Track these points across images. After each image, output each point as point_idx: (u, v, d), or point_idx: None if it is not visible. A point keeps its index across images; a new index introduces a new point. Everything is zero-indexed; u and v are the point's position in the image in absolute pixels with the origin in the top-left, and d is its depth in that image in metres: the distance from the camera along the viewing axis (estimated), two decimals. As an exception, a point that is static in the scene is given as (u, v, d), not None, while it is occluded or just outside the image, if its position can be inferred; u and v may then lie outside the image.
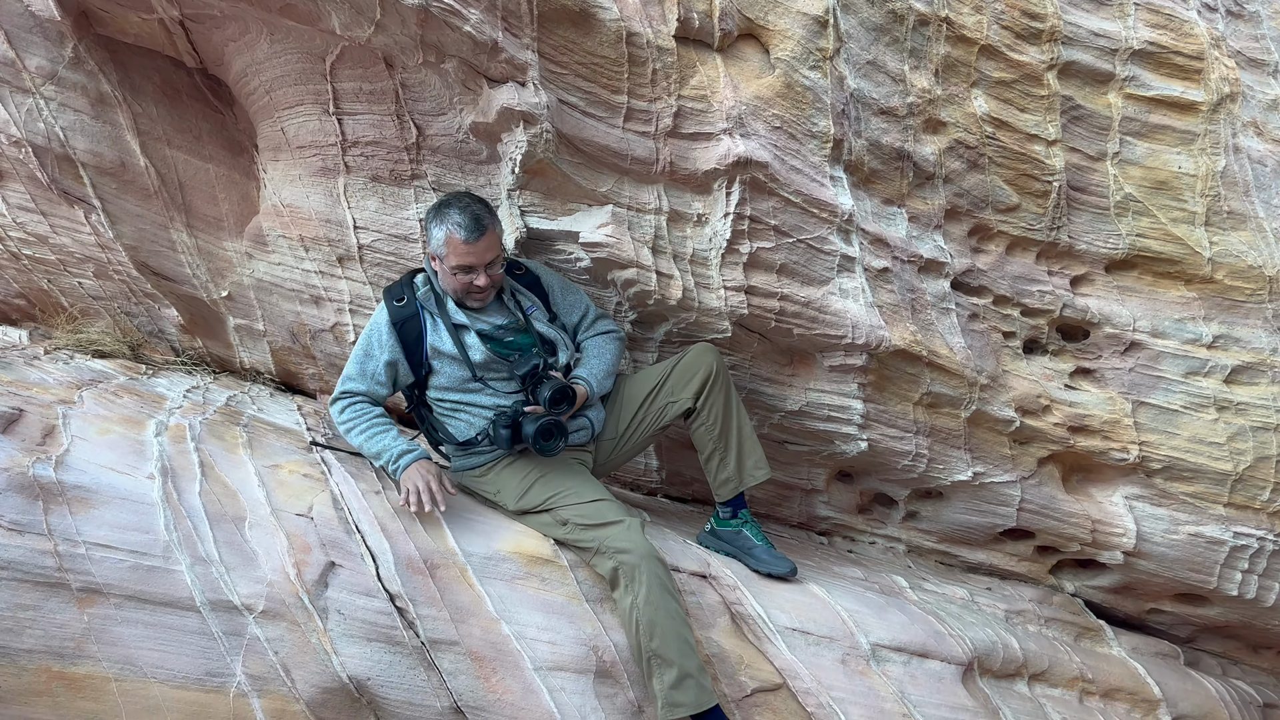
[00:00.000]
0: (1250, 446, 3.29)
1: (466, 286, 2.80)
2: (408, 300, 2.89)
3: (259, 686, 2.46)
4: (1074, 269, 3.29)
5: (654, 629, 2.60)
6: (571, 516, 2.79)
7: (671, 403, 3.05)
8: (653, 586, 2.63)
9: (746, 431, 3.07)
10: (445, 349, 2.87)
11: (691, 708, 2.59)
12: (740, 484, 3.08)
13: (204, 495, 2.64)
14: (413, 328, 2.88)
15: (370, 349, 2.88)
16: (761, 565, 3.08)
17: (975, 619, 3.42)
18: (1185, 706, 3.59)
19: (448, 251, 2.75)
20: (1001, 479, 3.44)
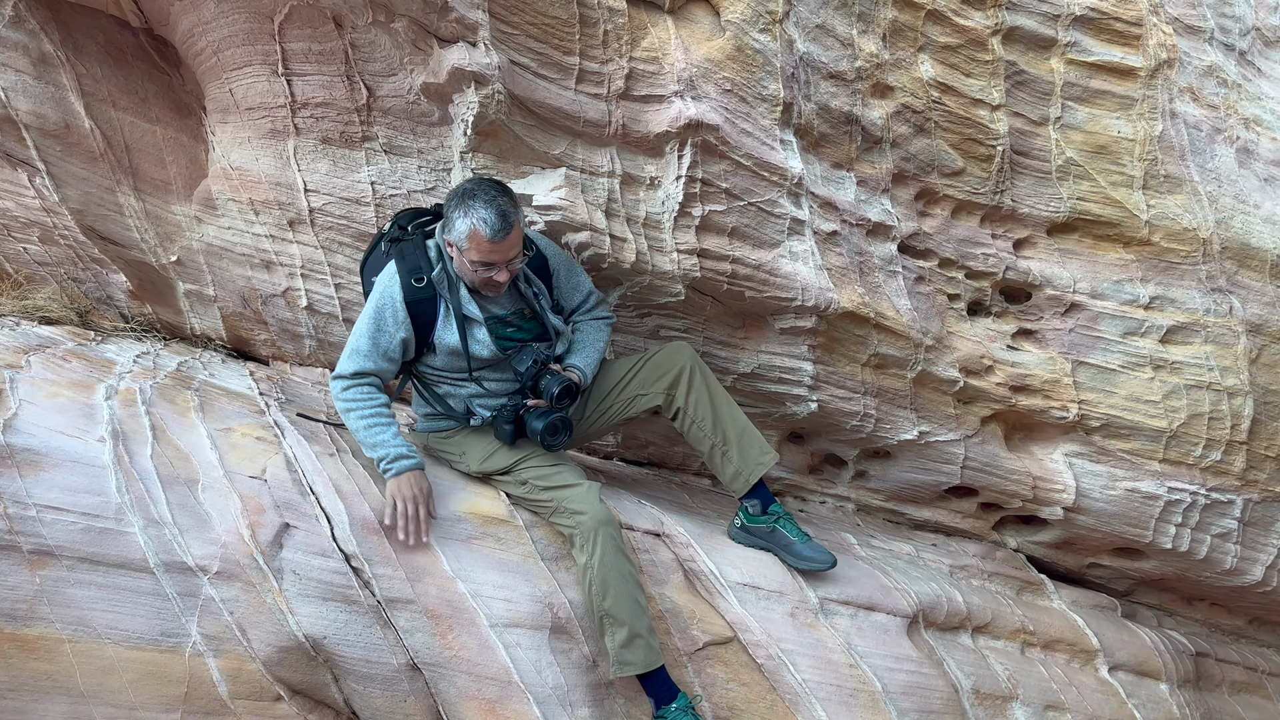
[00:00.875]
0: (1184, 404, 3.41)
1: (485, 281, 2.71)
2: (427, 283, 2.75)
3: (215, 646, 2.48)
4: (1017, 232, 3.36)
5: (606, 589, 2.65)
6: (531, 477, 2.82)
7: (641, 395, 3.02)
8: (607, 548, 2.66)
9: (742, 421, 3.01)
10: (451, 343, 2.79)
11: (640, 666, 2.65)
12: (750, 475, 3.00)
13: (156, 458, 2.63)
14: (426, 312, 2.77)
15: (383, 323, 2.75)
16: (802, 562, 3.04)
17: (921, 574, 3.51)
18: (1122, 656, 3.74)
19: (470, 246, 2.62)
20: (946, 438, 3.53)
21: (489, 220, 2.58)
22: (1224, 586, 3.89)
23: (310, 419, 3.07)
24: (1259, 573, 3.76)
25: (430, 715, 2.63)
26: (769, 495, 3.11)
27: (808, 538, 3.08)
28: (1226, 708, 4.07)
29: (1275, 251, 3.28)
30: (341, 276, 3.44)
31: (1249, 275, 3.32)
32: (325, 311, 3.55)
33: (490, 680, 2.63)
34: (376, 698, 2.59)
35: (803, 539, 3.06)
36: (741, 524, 3.15)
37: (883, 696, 2.94)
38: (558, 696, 2.68)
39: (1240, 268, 3.31)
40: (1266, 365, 3.38)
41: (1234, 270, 3.31)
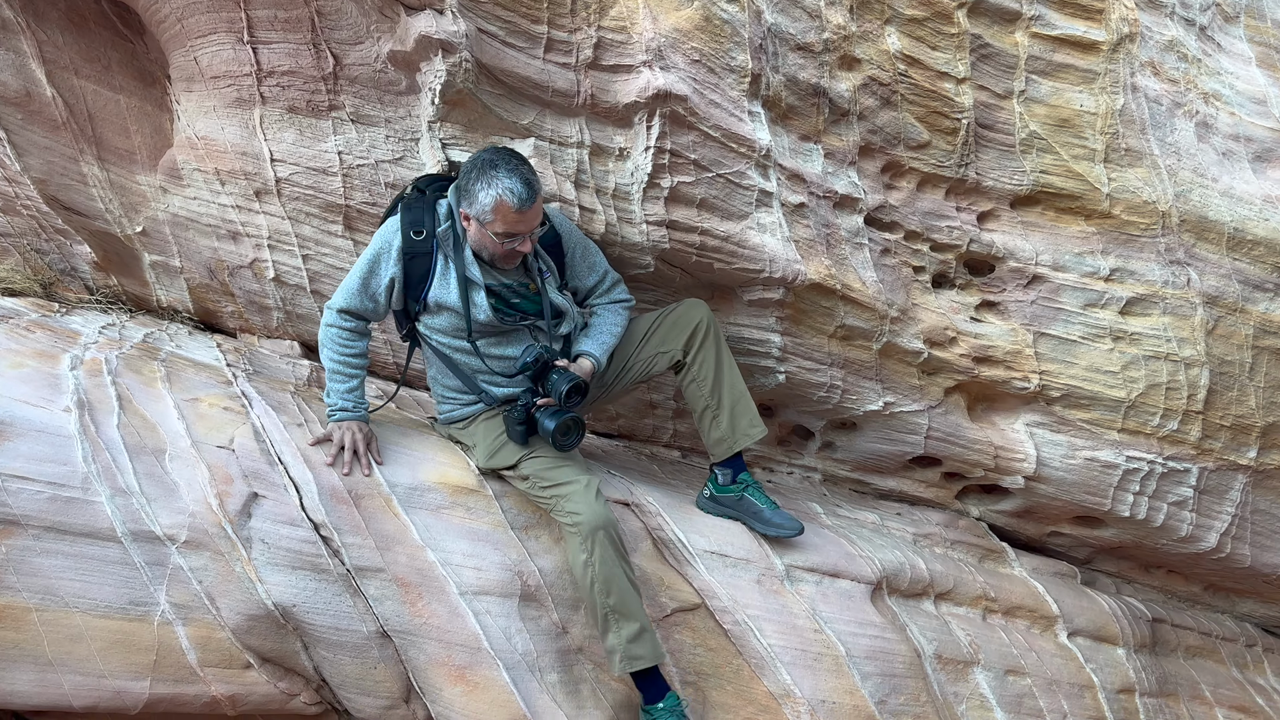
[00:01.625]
0: (1143, 375, 3.47)
1: (508, 253, 2.70)
2: (426, 236, 2.75)
3: (184, 615, 2.49)
4: (981, 205, 3.40)
5: (611, 586, 2.65)
6: (533, 473, 2.81)
7: (661, 353, 3.03)
8: (606, 549, 2.66)
9: (740, 389, 3.03)
10: (449, 302, 2.79)
11: (649, 660, 2.67)
12: (734, 443, 3.04)
13: (122, 428, 2.63)
14: (420, 266, 2.77)
15: (376, 266, 2.78)
16: (771, 529, 3.07)
17: (885, 542, 3.57)
18: (1081, 622, 3.82)
19: (495, 218, 2.59)
20: (910, 408, 3.58)
21: (515, 190, 2.55)
22: (1180, 553, 3.98)
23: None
24: (1213, 540, 3.85)
25: (400, 682, 2.66)
26: (741, 464, 3.14)
27: (775, 505, 3.11)
28: (1181, 671, 4.18)
29: (1232, 224, 3.34)
30: (309, 248, 3.43)
31: (1206, 248, 3.38)
32: (293, 283, 3.53)
33: (460, 647, 2.66)
34: (346, 665, 2.61)
35: (771, 506, 3.10)
36: (710, 494, 3.18)
37: (846, 660, 2.99)
38: (527, 663, 2.71)
39: (1198, 240, 3.37)
40: (1222, 336, 3.45)
41: (1192, 243, 3.37)
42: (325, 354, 2.84)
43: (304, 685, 2.64)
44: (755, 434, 3.05)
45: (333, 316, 2.83)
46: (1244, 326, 3.45)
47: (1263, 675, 4.50)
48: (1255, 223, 3.35)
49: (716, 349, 3.01)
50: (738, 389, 3.04)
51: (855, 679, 2.98)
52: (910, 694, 3.07)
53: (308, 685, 2.65)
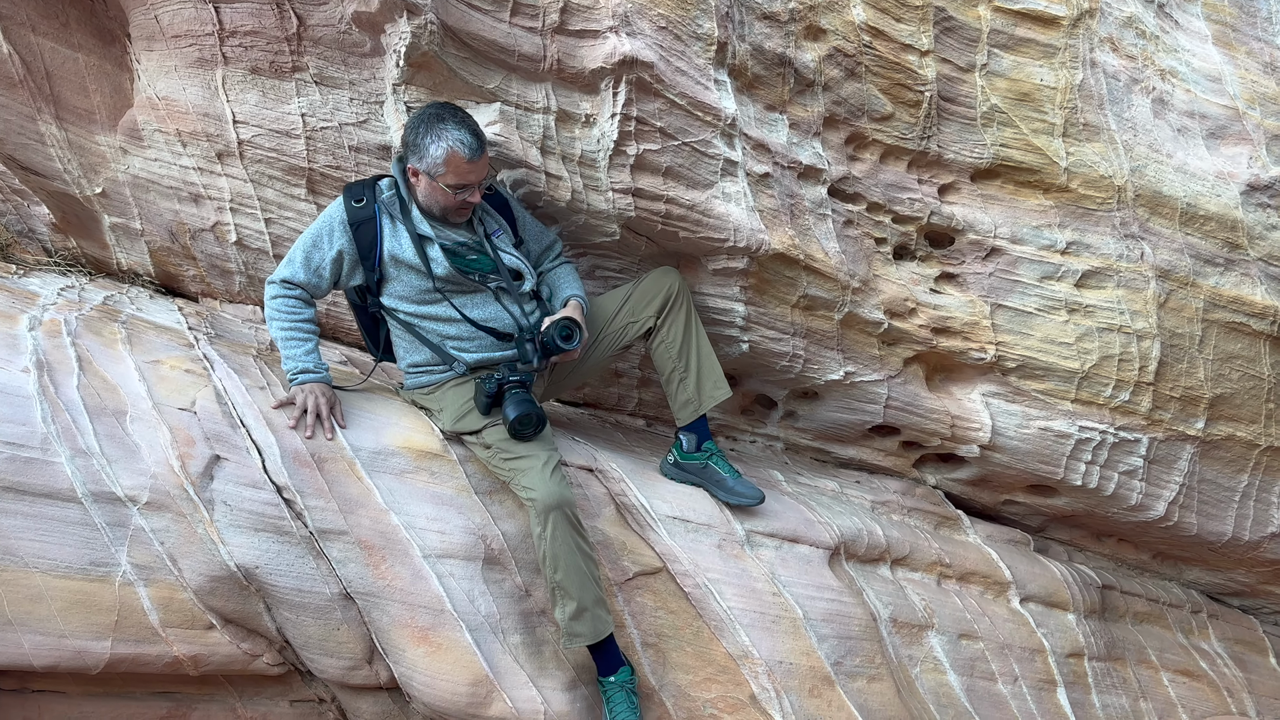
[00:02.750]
0: (1096, 346, 3.55)
1: (459, 205, 2.76)
2: (366, 202, 2.80)
3: (145, 576, 2.49)
4: (942, 178, 3.44)
5: (558, 563, 2.68)
6: (495, 442, 2.83)
7: (632, 323, 3.09)
8: (559, 527, 2.68)
9: (706, 351, 3.11)
10: (405, 258, 2.82)
11: (588, 638, 2.71)
12: (700, 405, 3.11)
13: (82, 389, 2.61)
14: (368, 231, 2.81)
15: (319, 241, 2.82)
16: (733, 497, 3.13)
17: (843, 508, 3.64)
18: (1033, 588, 3.91)
19: (447, 170, 2.67)
20: (870, 378, 3.63)
21: (466, 140, 2.64)
22: (1130, 522, 4.08)
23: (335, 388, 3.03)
24: (1162, 508, 3.95)
25: (363, 643, 2.68)
26: (706, 431, 3.19)
27: (738, 474, 3.18)
28: (1129, 637, 4.30)
29: (1185, 200, 3.41)
30: (272, 211, 3.40)
31: (1160, 222, 3.45)
32: (255, 247, 3.51)
33: (423, 609, 2.68)
34: (309, 626, 2.63)
35: (733, 475, 3.16)
36: (675, 460, 3.22)
37: (804, 623, 3.05)
38: (490, 624, 2.74)
39: (1152, 215, 3.44)
40: (1174, 310, 3.53)
41: (1146, 217, 3.44)
42: (275, 326, 2.84)
43: (267, 646, 2.66)
44: (719, 395, 3.11)
45: (275, 289, 2.83)
46: (1194, 300, 3.53)
47: (1207, 641, 4.64)
48: (1207, 198, 3.42)
49: (686, 314, 3.08)
50: (704, 352, 3.11)
51: (812, 640, 3.04)
52: (865, 656, 3.14)
53: (270, 646, 2.66)
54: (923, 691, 3.36)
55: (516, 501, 2.93)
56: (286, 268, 2.82)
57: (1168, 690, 4.25)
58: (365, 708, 2.73)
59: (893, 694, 3.14)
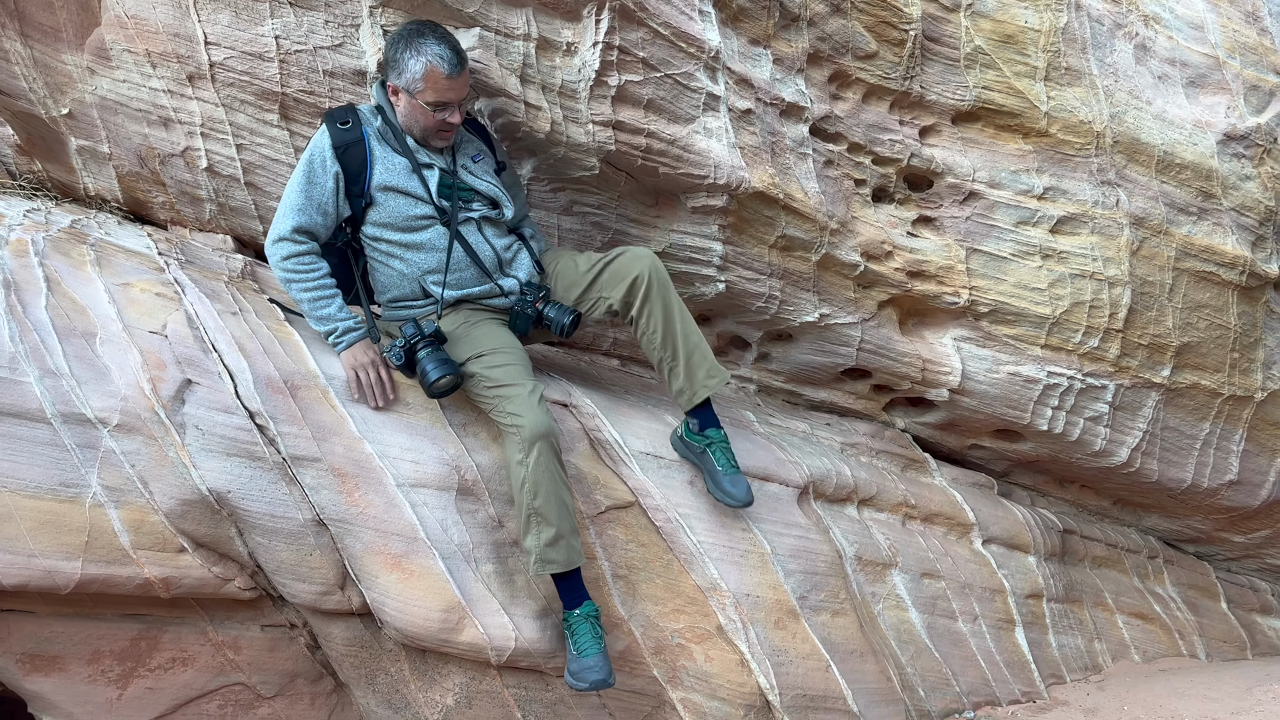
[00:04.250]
0: (1068, 292, 3.58)
1: (439, 124, 2.71)
2: (353, 125, 2.72)
3: (116, 498, 2.48)
4: (923, 119, 3.43)
5: (539, 489, 2.67)
6: (479, 371, 2.80)
7: (603, 298, 3.00)
8: (543, 456, 2.67)
9: (694, 340, 2.96)
10: (398, 184, 2.77)
11: (561, 565, 2.71)
12: (694, 395, 2.97)
13: (51, 309, 2.58)
14: (356, 155, 2.73)
15: (313, 175, 2.72)
16: (717, 492, 2.97)
17: (813, 449, 3.68)
18: (995, 530, 4.00)
19: (426, 86, 2.63)
20: (845, 320, 3.65)
21: (445, 55, 2.61)
22: (1093, 468, 4.16)
23: (284, 308, 3.01)
24: (1125, 454, 4.03)
25: (336, 569, 2.69)
26: (712, 417, 3.06)
27: (735, 469, 3.01)
28: (1087, 579, 4.41)
29: (1163, 148, 3.43)
30: (243, 137, 3.33)
31: (1137, 169, 3.47)
32: (226, 174, 3.44)
33: (396, 536, 2.70)
34: (282, 551, 2.63)
35: (729, 469, 2.99)
36: (681, 435, 3.14)
37: (771, 558, 3.10)
38: (463, 553, 2.77)
39: (1129, 162, 3.45)
40: (1145, 257, 3.57)
41: (1123, 164, 3.45)
42: (295, 289, 2.76)
43: (238, 571, 2.66)
44: (713, 384, 2.98)
45: (286, 246, 2.73)
46: (1167, 248, 3.56)
47: (1162, 585, 4.77)
48: (1185, 147, 3.44)
49: (664, 300, 2.94)
50: (692, 340, 2.96)
51: (779, 575, 3.09)
52: (830, 591, 3.20)
53: (242, 571, 2.67)
54: (884, 627, 3.43)
55: (491, 434, 2.93)
56: (291, 216, 2.72)
57: (1122, 632, 4.37)
58: (337, 633, 2.75)
59: (855, 628, 3.21)
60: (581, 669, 2.70)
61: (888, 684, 3.22)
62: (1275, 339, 3.88)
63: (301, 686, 2.84)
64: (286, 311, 3.01)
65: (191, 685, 2.71)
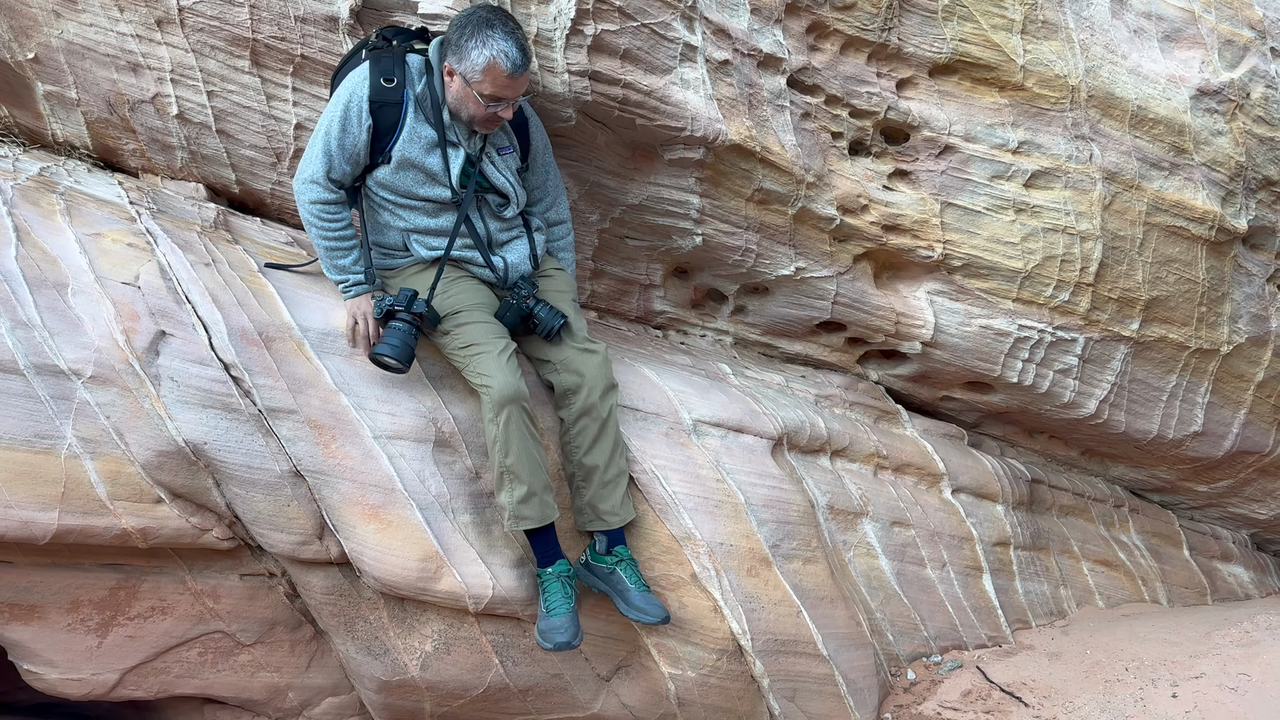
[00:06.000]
0: (1040, 246, 3.61)
1: (489, 117, 2.65)
2: (397, 84, 2.66)
3: (91, 449, 2.49)
4: (901, 72, 3.42)
5: (509, 447, 2.69)
6: (451, 329, 2.80)
7: (550, 365, 2.94)
8: (513, 418, 2.68)
9: (612, 474, 2.89)
10: (418, 160, 2.73)
11: (534, 522, 2.75)
12: (587, 523, 2.93)
13: (21, 260, 2.55)
14: (388, 117, 2.68)
15: (349, 124, 2.68)
16: (634, 612, 2.82)
17: (788, 401, 3.72)
18: (965, 480, 4.07)
19: (485, 79, 2.55)
20: (820, 274, 3.67)
21: (510, 54, 2.52)
22: (1061, 419, 4.23)
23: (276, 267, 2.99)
24: (1093, 406, 4.10)
25: (314, 519, 2.72)
26: (619, 536, 2.96)
27: (646, 589, 2.89)
28: (1054, 528, 4.51)
29: (1136, 102, 3.44)
30: (214, 84, 3.28)
31: (1110, 124, 3.49)
32: (197, 121, 3.39)
33: (374, 487, 2.72)
34: (259, 502, 2.65)
35: (640, 588, 2.87)
36: (585, 561, 2.97)
37: (745, 508, 3.15)
38: (440, 504, 2.80)
39: (1103, 116, 3.47)
40: (1117, 212, 3.60)
41: (1097, 119, 3.47)
42: (315, 233, 2.79)
43: (216, 521, 2.68)
44: (613, 522, 2.88)
45: (315, 191, 2.74)
46: (1138, 203, 3.59)
47: (1126, 533, 4.88)
48: (1158, 101, 3.46)
49: (601, 427, 2.88)
50: (610, 474, 2.89)
51: (752, 524, 3.15)
52: (802, 539, 3.26)
53: (220, 521, 2.69)
54: (855, 574, 3.51)
55: (468, 387, 2.94)
56: (321, 160, 2.71)
57: (1087, 578, 4.49)
58: (316, 582, 2.79)
59: (826, 575, 3.28)
60: (549, 628, 2.74)
61: (857, 629, 3.30)
62: (1242, 293, 3.94)
63: (281, 634, 2.89)
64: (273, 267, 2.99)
65: (171, 633, 2.75)
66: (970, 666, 3.57)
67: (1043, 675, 3.48)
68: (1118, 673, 3.39)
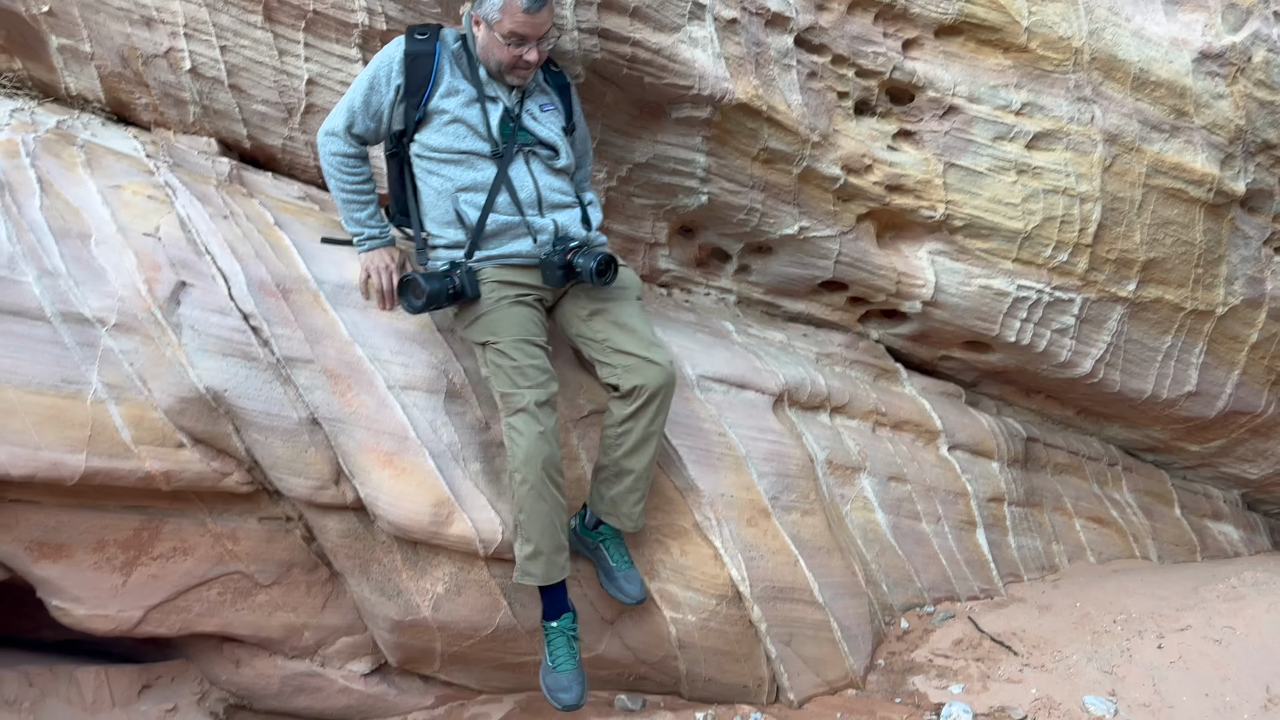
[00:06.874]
0: (1040, 207, 3.67)
1: (515, 60, 2.67)
2: (429, 38, 2.71)
3: (116, 395, 2.57)
4: (907, 32, 3.45)
5: (523, 506, 2.68)
6: (492, 360, 2.76)
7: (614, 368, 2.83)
8: (528, 477, 2.65)
9: (644, 481, 2.89)
10: (456, 111, 2.72)
11: (539, 580, 2.74)
12: (605, 517, 2.94)
13: (45, 210, 2.62)
14: (422, 68, 2.70)
15: (376, 82, 2.72)
16: (612, 589, 2.95)
17: (789, 359, 3.80)
18: (961, 437, 4.16)
19: (503, 17, 2.59)
20: (824, 234, 3.73)
21: None
22: (1058, 378, 4.31)
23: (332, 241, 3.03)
24: (1089, 366, 4.17)
25: (330, 465, 2.80)
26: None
27: (629, 564, 2.99)
28: (1048, 485, 4.61)
29: (1139, 65, 3.48)
30: (227, 38, 3.32)
31: (1112, 86, 3.52)
32: (210, 76, 3.43)
33: (388, 435, 2.80)
34: (278, 448, 2.74)
35: (623, 565, 2.98)
36: (575, 527, 3.03)
37: (746, 461, 3.24)
38: (452, 452, 2.88)
39: (1106, 79, 3.50)
40: (1117, 174, 3.64)
41: (1100, 81, 3.50)
42: (334, 184, 2.84)
43: (236, 466, 2.77)
44: (627, 526, 2.92)
45: (338, 141, 2.78)
46: (1138, 165, 3.64)
47: (1119, 491, 4.98)
48: (1160, 64, 3.49)
49: (647, 435, 2.83)
50: (641, 479, 2.88)
51: (753, 477, 3.24)
52: (801, 492, 3.35)
53: (239, 466, 2.77)
54: (852, 527, 3.61)
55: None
56: (344, 114, 2.76)
57: (1079, 535, 4.59)
58: (332, 525, 2.88)
59: (824, 527, 3.38)
60: (556, 686, 2.76)
61: (853, 578, 3.40)
62: (1239, 256, 4.00)
63: (298, 575, 2.99)
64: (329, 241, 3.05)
65: (192, 573, 2.84)
66: (962, 617, 3.68)
67: (1033, 626, 3.59)
68: (1106, 624, 3.49)
